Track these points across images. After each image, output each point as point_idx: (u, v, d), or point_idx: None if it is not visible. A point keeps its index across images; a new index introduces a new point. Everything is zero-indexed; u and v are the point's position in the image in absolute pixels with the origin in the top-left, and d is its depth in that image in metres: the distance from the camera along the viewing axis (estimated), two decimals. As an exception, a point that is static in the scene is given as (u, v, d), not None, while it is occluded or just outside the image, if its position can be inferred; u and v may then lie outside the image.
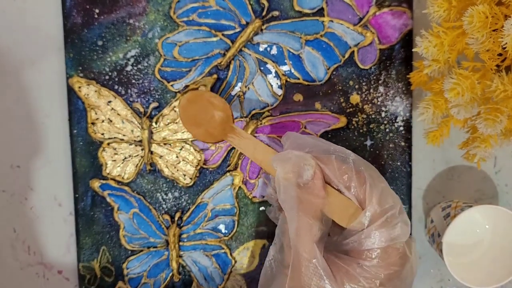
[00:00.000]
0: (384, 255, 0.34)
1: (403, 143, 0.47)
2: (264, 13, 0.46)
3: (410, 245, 0.36)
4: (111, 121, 0.48)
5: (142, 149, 0.48)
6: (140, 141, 0.48)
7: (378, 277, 0.34)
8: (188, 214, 0.48)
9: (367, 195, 0.34)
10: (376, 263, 0.34)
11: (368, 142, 0.47)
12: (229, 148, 0.48)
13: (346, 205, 0.35)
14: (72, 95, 0.47)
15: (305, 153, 0.36)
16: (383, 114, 0.47)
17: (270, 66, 0.47)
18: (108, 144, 0.48)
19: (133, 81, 0.47)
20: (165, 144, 0.48)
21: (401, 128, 0.47)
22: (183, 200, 0.48)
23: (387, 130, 0.47)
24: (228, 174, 0.48)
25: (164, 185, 0.48)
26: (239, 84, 0.47)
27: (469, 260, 0.46)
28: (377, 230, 0.34)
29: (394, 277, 0.34)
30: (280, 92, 0.47)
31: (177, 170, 0.48)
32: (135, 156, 0.48)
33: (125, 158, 0.48)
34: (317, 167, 0.35)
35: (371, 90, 0.47)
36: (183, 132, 0.48)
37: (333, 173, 0.35)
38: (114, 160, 0.48)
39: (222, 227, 0.49)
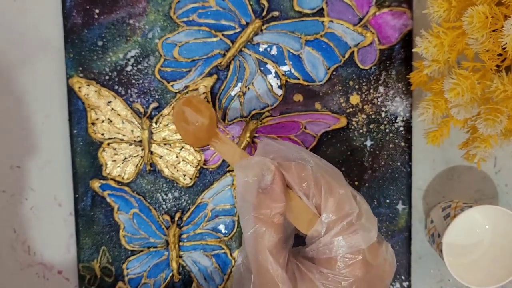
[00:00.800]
0: (343, 263, 0.33)
1: (403, 143, 0.47)
2: (264, 13, 0.46)
3: (376, 250, 0.35)
4: (111, 121, 0.48)
5: (142, 149, 0.48)
6: (140, 141, 0.48)
7: (339, 285, 0.33)
8: (188, 214, 0.48)
9: (322, 203, 0.34)
10: (337, 271, 0.33)
11: (368, 142, 0.47)
12: (229, 148, 0.48)
13: (306, 211, 0.35)
14: (72, 95, 0.47)
15: (266, 159, 0.36)
16: (383, 114, 0.47)
17: (270, 66, 0.47)
18: (108, 144, 0.48)
19: (133, 81, 0.47)
20: (165, 144, 0.48)
21: (401, 128, 0.47)
22: (183, 200, 0.48)
23: (387, 130, 0.47)
24: (228, 174, 0.48)
25: (164, 185, 0.48)
26: (239, 84, 0.47)
27: (469, 260, 0.46)
28: (334, 238, 0.33)
29: (357, 284, 0.33)
30: (280, 92, 0.47)
31: (177, 170, 0.48)
32: (135, 156, 0.48)
33: (125, 158, 0.48)
34: (277, 173, 0.35)
35: (371, 90, 0.47)
36: (183, 132, 0.48)
37: (293, 180, 0.35)
38: (114, 160, 0.48)
39: (222, 227, 0.49)
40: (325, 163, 0.37)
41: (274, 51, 0.47)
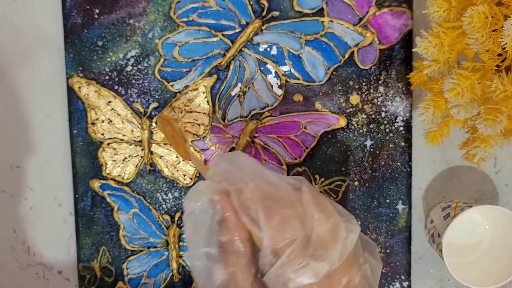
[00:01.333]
0: None
1: (403, 143, 0.47)
2: (264, 13, 0.46)
3: (337, 277, 0.30)
4: (111, 121, 0.48)
5: (142, 149, 0.48)
6: (140, 141, 0.48)
7: None
8: (188, 214, 0.48)
9: (262, 231, 0.30)
10: None
11: (368, 142, 0.47)
12: (229, 148, 0.48)
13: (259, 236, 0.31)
14: (72, 95, 0.47)
15: (209, 186, 0.33)
16: (383, 114, 0.47)
17: (270, 66, 0.47)
18: (108, 144, 0.48)
19: (133, 81, 0.47)
20: (165, 144, 0.48)
21: (401, 128, 0.47)
22: (183, 200, 0.48)
23: (387, 130, 0.47)
24: (228, 174, 0.48)
25: (164, 185, 0.48)
26: (239, 84, 0.47)
27: (469, 260, 0.46)
28: (280, 271, 0.29)
29: None
30: (280, 92, 0.47)
31: (177, 170, 0.48)
32: (135, 156, 0.48)
33: (125, 158, 0.48)
34: (224, 202, 0.31)
35: (371, 90, 0.47)
36: (183, 132, 0.48)
37: (237, 205, 0.31)
38: (114, 160, 0.48)
39: (222, 227, 0.49)
40: (273, 181, 0.33)
41: (274, 51, 0.47)
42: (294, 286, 0.29)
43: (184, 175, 0.48)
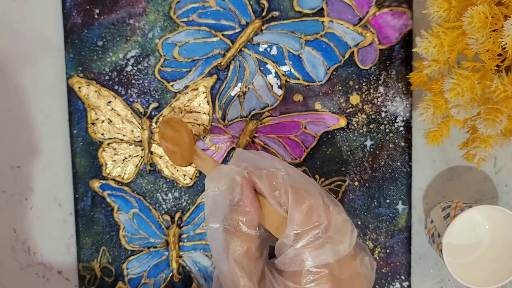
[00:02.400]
0: (309, 277, 0.32)
1: (403, 143, 0.47)
2: (264, 13, 0.46)
3: (348, 264, 0.34)
4: (111, 121, 0.48)
5: (142, 149, 0.48)
6: (140, 141, 0.48)
7: None
8: (188, 214, 0.48)
9: (289, 214, 0.33)
10: (302, 285, 0.32)
11: (368, 142, 0.47)
12: (229, 148, 0.48)
13: (278, 217, 0.35)
14: (72, 95, 0.47)
15: (234, 169, 0.36)
16: (383, 114, 0.47)
17: (270, 66, 0.47)
18: (108, 144, 0.48)
19: (133, 81, 0.47)
20: (165, 144, 0.48)
21: (401, 128, 0.47)
22: (183, 200, 0.48)
23: (387, 130, 0.47)
24: (228, 174, 0.48)
25: (164, 185, 0.48)
26: (239, 85, 0.47)
27: (469, 260, 0.46)
28: (299, 251, 0.32)
29: None
30: (280, 92, 0.47)
31: (177, 170, 0.48)
32: (135, 156, 0.48)
33: (125, 158, 0.48)
34: (245, 184, 0.35)
35: (371, 90, 0.47)
36: (183, 132, 0.48)
37: (264, 188, 0.34)
38: (114, 161, 0.48)
39: (222, 227, 0.49)
40: (298, 172, 0.36)
41: (274, 51, 0.47)
42: (311, 264, 0.32)
43: (184, 175, 0.48)
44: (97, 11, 0.47)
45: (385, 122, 0.47)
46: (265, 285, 0.34)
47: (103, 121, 0.48)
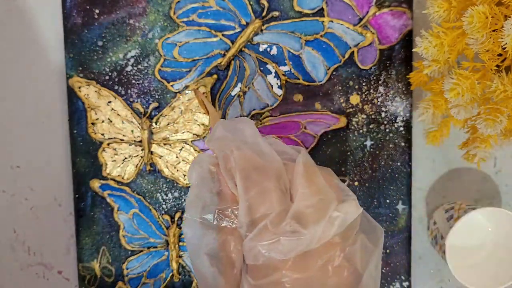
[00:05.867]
0: (265, 273, 0.28)
1: (403, 143, 0.47)
2: (264, 13, 0.46)
3: (312, 258, 0.28)
4: (111, 121, 0.48)
5: (142, 150, 0.48)
6: (140, 141, 0.48)
7: None
8: (188, 214, 0.48)
9: (239, 204, 0.29)
10: (258, 282, 0.28)
11: (368, 142, 0.47)
12: (229, 148, 0.48)
13: None
14: (72, 95, 0.47)
15: (206, 157, 0.33)
16: (383, 114, 0.47)
17: (270, 66, 0.47)
18: (108, 144, 0.48)
19: (133, 81, 0.47)
20: (165, 144, 0.48)
21: (401, 128, 0.47)
22: (183, 200, 0.48)
23: (387, 130, 0.47)
24: (228, 174, 0.48)
25: (164, 185, 0.48)
26: (239, 85, 0.47)
27: (472, 262, 0.46)
28: (252, 244, 0.28)
29: None
30: (280, 92, 0.47)
31: (177, 170, 0.48)
32: (135, 157, 0.48)
33: (125, 158, 0.48)
34: (219, 172, 0.31)
35: (371, 91, 0.47)
36: (183, 133, 0.48)
37: (224, 175, 0.31)
38: (114, 161, 0.48)
39: (222, 227, 0.48)
40: (262, 151, 0.31)
41: (274, 51, 0.47)
42: (263, 261, 0.28)
43: (184, 175, 0.48)
44: (97, 11, 0.47)
45: (385, 122, 0.47)
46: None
47: (103, 121, 0.48)
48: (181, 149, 0.48)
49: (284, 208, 0.28)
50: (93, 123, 0.48)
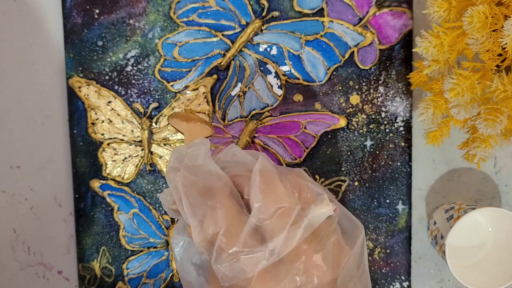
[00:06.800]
0: None
1: (403, 144, 0.47)
2: (264, 13, 0.46)
3: (282, 270, 0.27)
4: (111, 121, 0.48)
5: (142, 150, 0.48)
6: (140, 141, 0.48)
7: None
8: (188, 214, 0.48)
9: (191, 230, 0.28)
10: None
11: (368, 143, 0.47)
12: (229, 148, 0.48)
13: None
14: (72, 95, 0.47)
15: (165, 197, 0.33)
16: (383, 115, 0.47)
17: (270, 66, 0.47)
18: (108, 144, 0.48)
19: (133, 81, 0.47)
20: (165, 144, 0.48)
21: (401, 129, 0.47)
22: (183, 200, 0.48)
23: (387, 130, 0.47)
24: (228, 174, 0.48)
25: (164, 185, 0.48)
26: (239, 85, 0.47)
27: (472, 262, 0.46)
28: (215, 265, 0.27)
29: None
30: (280, 92, 0.47)
31: (177, 170, 0.48)
32: (135, 157, 0.48)
33: (125, 158, 0.48)
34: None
35: (371, 91, 0.47)
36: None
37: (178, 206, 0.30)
38: (114, 161, 0.48)
39: (222, 227, 0.48)
40: (208, 169, 0.30)
41: (274, 51, 0.47)
42: (231, 282, 0.27)
43: (184, 175, 0.48)
44: (97, 11, 0.47)
45: (385, 122, 0.47)
46: None
47: (103, 121, 0.48)
48: (181, 149, 0.48)
49: (236, 221, 0.27)
50: (93, 123, 0.48)
